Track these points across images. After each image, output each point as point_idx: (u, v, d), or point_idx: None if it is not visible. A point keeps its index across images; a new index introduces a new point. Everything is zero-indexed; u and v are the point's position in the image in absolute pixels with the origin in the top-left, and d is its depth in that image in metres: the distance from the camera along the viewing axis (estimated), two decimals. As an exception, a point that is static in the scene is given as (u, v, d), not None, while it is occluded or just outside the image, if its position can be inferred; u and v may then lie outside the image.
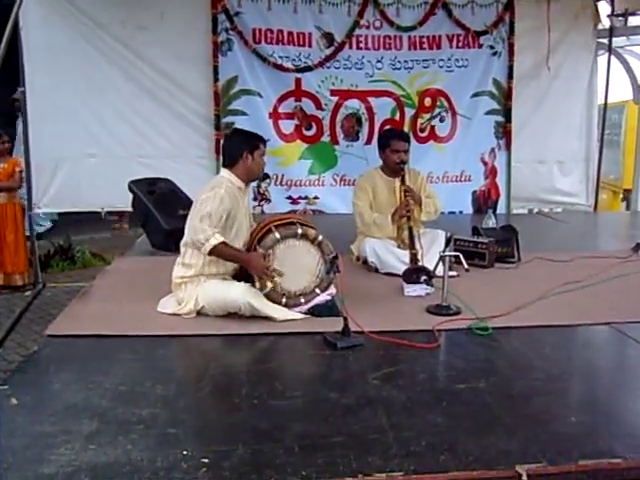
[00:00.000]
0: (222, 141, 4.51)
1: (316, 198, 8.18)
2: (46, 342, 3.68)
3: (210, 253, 3.96)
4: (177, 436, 2.54)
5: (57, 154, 7.50)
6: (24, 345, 5.91)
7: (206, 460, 2.35)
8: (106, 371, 3.21)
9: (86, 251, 9.06)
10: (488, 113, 8.57)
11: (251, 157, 4.21)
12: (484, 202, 8.58)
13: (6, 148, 7.63)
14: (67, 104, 7.43)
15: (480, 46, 8.41)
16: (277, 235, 4.01)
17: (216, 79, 7.79)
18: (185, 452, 2.41)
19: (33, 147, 7.40)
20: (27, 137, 7.39)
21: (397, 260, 5.06)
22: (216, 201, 3.98)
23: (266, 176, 7.97)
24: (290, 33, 7.96)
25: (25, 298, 7.38)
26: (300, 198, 8.17)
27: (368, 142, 8.15)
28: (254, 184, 7.90)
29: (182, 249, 4.18)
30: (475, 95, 8.51)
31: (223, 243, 3.96)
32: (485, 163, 8.64)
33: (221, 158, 4.50)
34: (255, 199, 8.01)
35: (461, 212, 8.48)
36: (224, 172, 4.26)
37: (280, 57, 7.91)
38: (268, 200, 8.07)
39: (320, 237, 4.06)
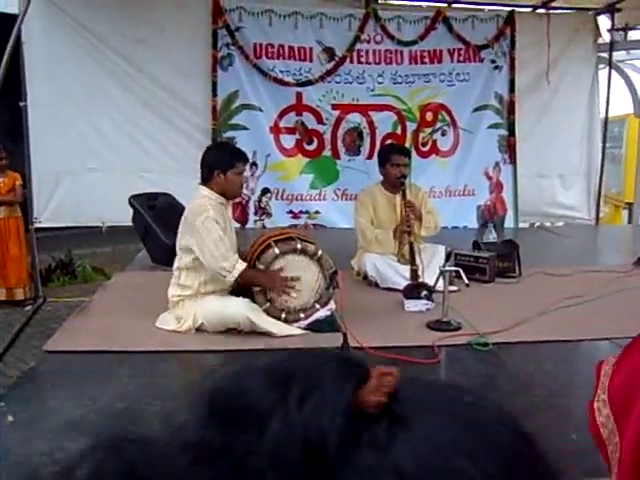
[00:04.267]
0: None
1: (317, 212, 8.17)
2: (44, 358, 3.67)
3: (234, 281, 3.95)
4: (173, 454, 2.51)
5: (58, 168, 7.49)
6: (24, 360, 5.87)
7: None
8: (104, 388, 3.19)
9: (87, 266, 9.06)
10: (491, 127, 8.58)
11: (223, 176, 4.09)
12: (490, 217, 8.56)
13: (5, 163, 7.63)
14: (68, 118, 7.45)
15: (481, 60, 8.43)
16: (276, 250, 3.99)
17: (214, 94, 7.81)
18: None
19: (34, 161, 7.42)
20: (28, 151, 7.41)
21: (397, 275, 5.04)
22: (213, 224, 3.93)
23: (267, 190, 7.98)
24: (291, 48, 7.99)
25: (25, 313, 7.36)
26: (301, 212, 8.16)
27: (370, 157, 8.14)
28: (255, 198, 7.92)
29: (175, 272, 4.14)
30: (477, 109, 8.52)
31: (245, 269, 3.95)
32: (490, 177, 8.63)
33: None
34: (256, 213, 8.01)
35: (465, 227, 8.44)
36: (203, 189, 4.15)
37: (281, 72, 7.93)
38: (269, 214, 8.06)
39: (319, 252, 4.05)
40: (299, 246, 4.02)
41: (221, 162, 4.13)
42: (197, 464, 0.50)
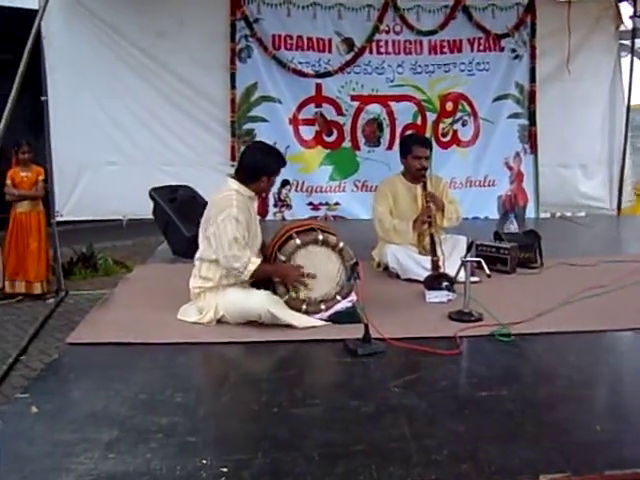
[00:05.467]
0: (242, 152, 4.40)
1: (337, 204, 8.17)
2: (67, 350, 3.69)
3: (250, 278, 3.98)
4: (196, 445, 2.52)
5: (79, 162, 7.57)
6: (47, 352, 5.94)
7: (225, 469, 2.33)
8: (126, 379, 3.20)
9: (108, 259, 9.13)
10: (511, 117, 8.52)
11: (267, 179, 4.21)
12: (510, 207, 8.50)
13: (29, 157, 7.70)
14: (88, 112, 7.51)
15: (501, 49, 8.37)
16: (298, 241, 3.99)
17: (233, 86, 7.84)
18: (204, 461, 2.38)
19: (55, 155, 7.48)
20: (49, 145, 7.46)
21: (418, 266, 5.02)
22: (233, 223, 3.93)
23: (286, 182, 7.99)
24: (310, 39, 7.99)
25: (48, 306, 7.44)
26: (321, 204, 8.16)
27: (390, 147, 8.15)
28: (274, 190, 7.92)
29: (197, 263, 4.17)
30: (497, 99, 8.47)
31: (260, 264, 3.98)
32: (510, 168, 8.57)
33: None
34: (275, 205, 8.03)
35: (486, 217, 8.39)
36: (233, 183, 4.17)
37: (300, 63, 7.94)
38: (289, 206, 8.08)
39: (341, 243, 4.04)
40: (320, 237, 4.01)
41: (272, 169, 4.22)
42: None
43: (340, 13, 8.03)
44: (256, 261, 3.97)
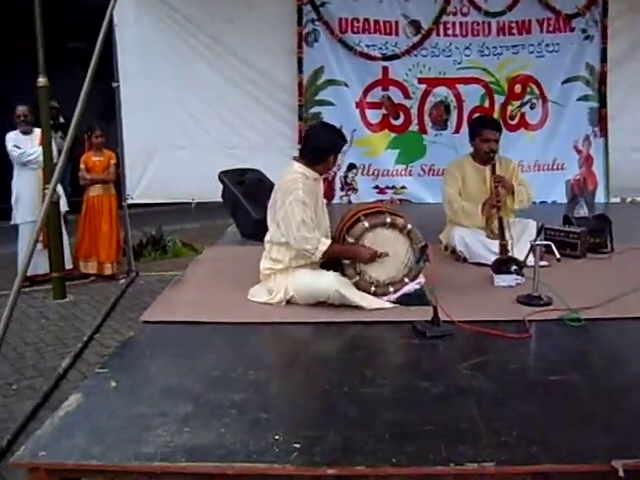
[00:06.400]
0: (305, 134, 4.44)
1: (403, 188, 8.15)
2: (141, 328, 3.80)
3: (321, 258, 4.03)
4: (269, 421, 2.58)
5: (149, 146, 7.73)
6: (119, 331, 6.12)
7: (297, 445, 2.37)
8: (199, 356, 3.29)
9: (177, 241, 9.32)
10: (581, 99, 8.31)
11: (334, 158, 4.24)
12: (579, 191, 8.33)
13: (101, 142, 7.90)
14: (158, 97, 7.63)
15: (572, 29, 8.16)
16: (366, 224, 4.01)
17: (300, 70, 7.86)
18: (277, 437, 2.44)
19: (126, 140, 7.66)
20: (121, 130, 7.65)
21: (486, 250, 4.99)
22: (300, 206, 3.99)
23: (353, 166, 8.00)
24: (376, 22, 7.94)
25: (119, 286, 7.65)
26: (387, 188, 8.15)
27: (457, 131, 8.07)
28: (340, 174, 7.95)
29: (267, 245, 4.23)
30: (567, 81, 8.27)
31: (330, 245, 4.01)
32: (579, 151, 8.39)
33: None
34: (342, 189, 8.06)
35: (554, 202, 8.24)
36: (298, 166, 4.20)
37: (367, 46, 7.91)
38: (355, 190, 8.10)
39: (409, 226, 4.05)
40: (388, 220, 4.03)
41: (338, 147, 4.25)
42: None
43: (407, -5, 7.96)
44: (326, 242, 4.01)
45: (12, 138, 7.50)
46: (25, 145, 7.35)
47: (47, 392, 4.78)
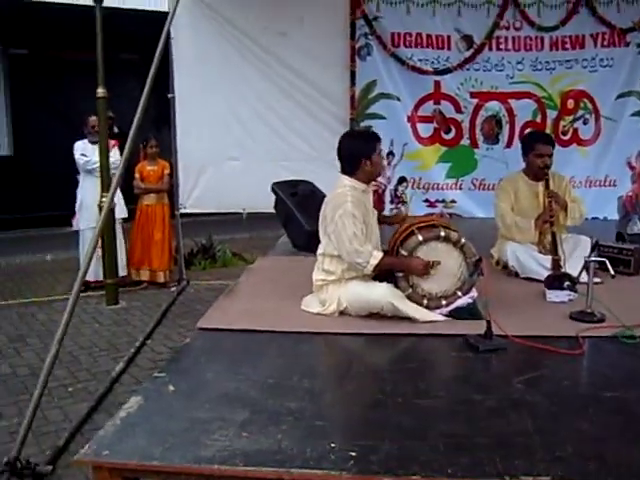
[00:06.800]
0: (337, 149, 4.38)
1: (453, 202, 8.15)
2: (197, 334, 3.87)
3: (372, 271, 4.05)
4: (325, 429, 2.62)
5: (202, 157, 7.86)
6: (170, 337, 6.23)
7: (354, 453, 2.40)
8: (254, 364, 3.34)
9: (227, 250, 9.43)
10: (635, 114, 8.23)
11: (369, 162, 4.20)
12: (632, 208, 8.22)
13: (156, 152, 8.07)
14: (212, 109, 7.76)
15: (627, 44, 8.10)
16: (420, 237, 4.03)
17: (353, 83, 7.93)
18: (333, 444, 2.47)
19: (180, 150, 7.81)
20: (175, 141, 7.79)
21: (538, 265, 4.97)
22: (349, 219, 4.02)
23: (403, 179, 8.04)
24: (429, 36, 7.99)
25: (170, 294, 7.77)
26: (437, 201, 8.16)
27: (508, 145, 8.06)
28: (391, 187, 7.98)
29: (319, 257, 4.27)
30: (621, 96, 8.20)
31: (382, 258, 4.03)
32: (632, 167, 8.30)
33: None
34: (392, 202, 8.09)
35: (605, 218, 8.16)
36: (345, 179, 4.24)
37: (419, 60, 7.95)
38: (405, 203, 8.12)
39: (463, 240, 4.05)
40: (442, 233, 4.04)
41: (365, 149, 4.22)
42: None
43: (459, 10, 7.99)
44: (378, 255, 4.04)
45: (80, 147, 7.74)
46: (92, 154, 7.52)
47: (101, 395, 4.88)
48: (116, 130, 10.56)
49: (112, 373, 5.27)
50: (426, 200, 8.16)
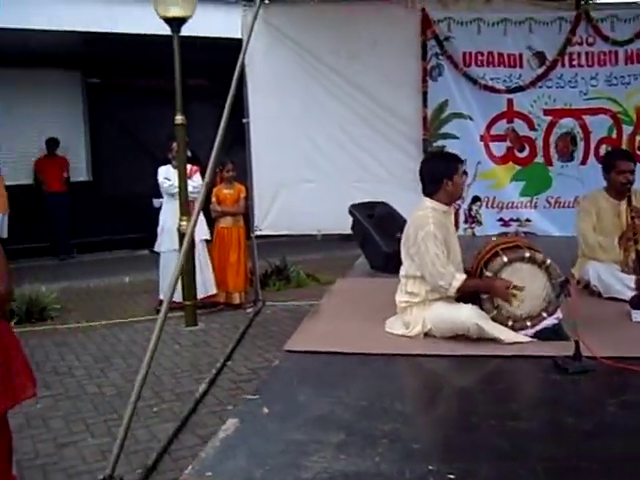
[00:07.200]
0: (419, 170, 4.45)
1: (528, 221, 8.05)
2: (285, 356, 3.95)
3: (455, 293, 4.07)
4: (421, 451, 2.65)
5: (277, 180, 7.96)
6: (249, 359, 6.32)
7: (452, 476, 2.42)
8: (345, 386, 3.39)
9: (300, 271, 9.51)
10: None
11: (451, 182, 4.25)
12: None
13: (232, 175, 8.24)
14: (286, 132, 7.88)
15: None
16: (504, 259, 4.03)
17: (425, 104, 7.93)
18: (431, 467, 2.49)
19: (256, 174, 7.96)
20: (250, 164, 7.95)
21: (622, 285, 4.89)
22: (431, 240, 4.06)
23: (477, 199, 7.99)
24: (500, 54, 7.95)
25: (246, 315, 7.89)
26: (512, 220, 8.08)
27: (583, 162, 7.94)
28: (465, 206, 7.95)
29: (402, 279, 4.31)
30: (699, 108, 8.03)
31: (465, 280, 4.05)
32: None
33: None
34: (466, 221, 8.05)
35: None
36: (427, 201, 4.30)
37: (491, 79, 7.91)
38: (479, 222, 8.07)
39: (548, 261, 4.04)
40: (527, 254, 4.03)
41: (446, 170, 4.28)
42: None
43: (531, 27, 7.93)
44: (460, 277, 4.06)
45: (163, 171, 7.97)
46: (175, 178, 7.69)
47: (186, 416, 5.00)
48: (189, 154, 10.85)
49: (195, 394, 5.38)
50: (500, 219, 8.09)
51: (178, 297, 7.17)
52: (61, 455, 4.49)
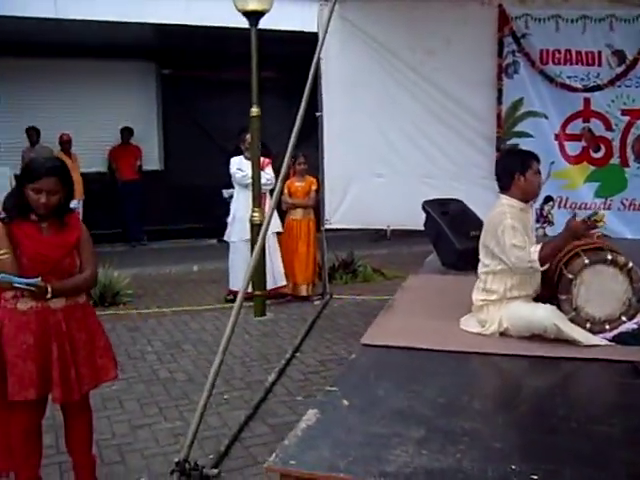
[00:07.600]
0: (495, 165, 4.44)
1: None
2: (361, 350, 3.98)
3: (542, 266, 4.01)
4: (502, 451, 2.65)
5: (348, 174, 7.99)
6: (318, 350, 6.40)
7: (535, 477, 2.42)
8: (422, 382, 3.41)
9: (367, 266, 9.55)
10: None
11: (523, 178, 4.23)
12: None
13: (304, 168, 8.32)
14: (358, 126, 7.89)
15: None
16: (586, 260, 3.99)
17: (499, 101, 7.86)
18: (513, 467, 2.49)
19: (327, 167, 8.01)
20: (322, 158, 8.00)
21: None
22: (509, 232, 4.05)
23: (550, 198, 7.89)
24: (578, 52, 7.81)
25: (314, 307, 7.97)
26: (585, 221, 7.96)
27: (661, 164, 7.78)
28: (537, 206, 7.85)
29: (482, 276, 4.30)
30: None
31: (541, 249, 4.00)
32: None
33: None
34: (538, 221, 7.94)
35: None
36: (503, 198, 4.30)
37: (568, 77, 7.77)
38: (551, 223, 7.96)
39: (630, 264, 3.99)
40: (609, 257, 3.99)
41: (518, 165, 4.26)
42: None
43: (611, 25, 7.77)
44: (535, 249, 4.00)
45: (236, 162, 8.10)
46: (247, 169, 7.81)
47: (257, 404, 5.10)
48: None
49: (265, 383, 5.49)
50: (573, 220, 7.97)
51: (248, 288, 7.26)
52: (135, 436, 4.64)
